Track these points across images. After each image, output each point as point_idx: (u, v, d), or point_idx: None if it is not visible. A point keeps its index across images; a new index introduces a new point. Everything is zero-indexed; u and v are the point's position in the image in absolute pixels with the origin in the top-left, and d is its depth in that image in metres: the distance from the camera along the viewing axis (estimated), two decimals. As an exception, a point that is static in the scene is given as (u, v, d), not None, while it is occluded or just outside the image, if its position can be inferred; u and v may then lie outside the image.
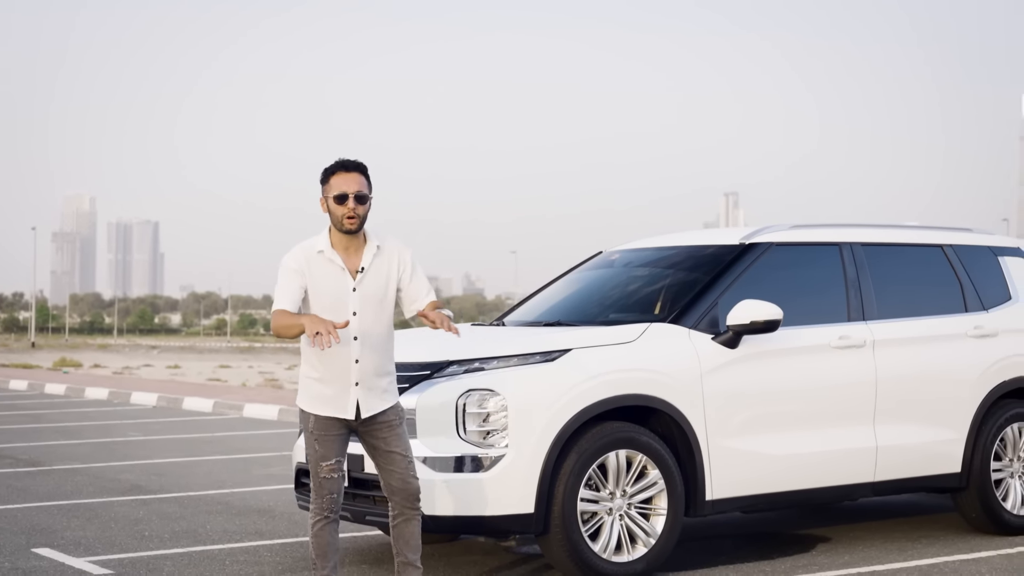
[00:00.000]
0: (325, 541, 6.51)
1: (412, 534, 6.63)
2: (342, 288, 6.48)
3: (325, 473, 6.49)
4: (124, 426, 18.59)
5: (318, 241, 6.55)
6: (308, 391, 6.58)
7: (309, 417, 6.54)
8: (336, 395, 6.50)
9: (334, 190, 6.47)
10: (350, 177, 6.49)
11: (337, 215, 6.46)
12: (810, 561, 8.28)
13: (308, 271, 6.46)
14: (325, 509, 6.51)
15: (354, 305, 6.47)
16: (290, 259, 6.50)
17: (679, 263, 8.91)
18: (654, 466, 7.67)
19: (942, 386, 8.92)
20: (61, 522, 9.91)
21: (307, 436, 6.57)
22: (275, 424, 18.90)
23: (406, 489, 6.57)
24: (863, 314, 8.72)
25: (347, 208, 6.44)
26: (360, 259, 6.51)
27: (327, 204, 6.51)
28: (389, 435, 6.57)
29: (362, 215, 6.47)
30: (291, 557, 8.50)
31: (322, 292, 6.45)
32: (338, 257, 6.49)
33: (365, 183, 6.52)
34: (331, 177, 6.51)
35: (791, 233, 8.78)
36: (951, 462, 8.92)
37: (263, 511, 10.42)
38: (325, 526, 6.52)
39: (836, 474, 8.44)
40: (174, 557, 8.50)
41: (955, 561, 8.29)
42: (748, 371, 8.08)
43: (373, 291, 6.51)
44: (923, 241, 9.39)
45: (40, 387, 27.89)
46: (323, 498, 6.51)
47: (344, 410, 6.50)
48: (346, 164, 6.53)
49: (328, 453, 6.50)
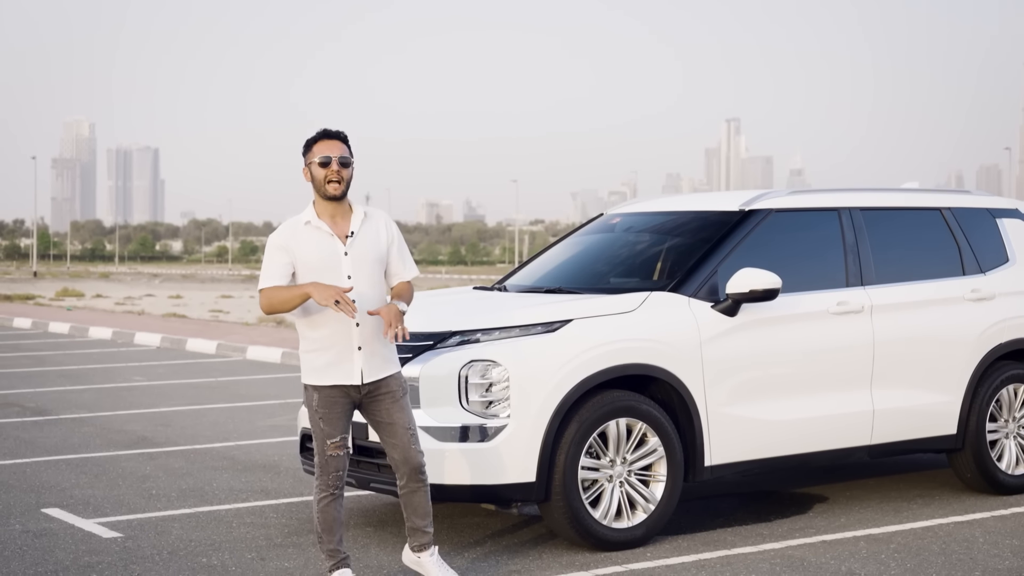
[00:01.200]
0: (331, 516, 6.64)
1: (420, 503, 6.77)
2: (334, 253, 6.56)
3: (331, 451, 6.61)
4: (128, 370, 18.74)
5: (304, 214, 6.65)
6: (310, 364, 6.65)
7: (313, 395, 6.63)
8: (339, 362, 6.58)
9: (316, 155, 6.57)
10: (333, 144, 6.61)
11: (320, 178, 6.55)
12: (807, 524, 8.43)
13: (295, 245, 6.55)
14: (331, 486, 6.63)
15: (348, 269, 6.57)
16: (275, 236, 6.61)
17: (679, 229, 8.98)
18: (654, 433, 7.79)
19: (939, 349, 9.02)
20: (70, 479, 10.05)
21: (311, 415, 6.67)
22: (278, 368, 19.04)
23: (409, 461, 6.69)
24: (861, 279, 8.81)
25: (331, 171, 6.53)
26: (348, 225, 6.62)
27: (310, 172, 6.60)
28: (392, 407, 6.67)
29: (346, 179, 6.57)
30: (296, 519, 8.65)
31: (312, 261, 6.53)
32: (324, 225, 6.59)
33: (347, 149, 6.62)
34: (314, 145, 6.63)
35: (790, 199, 8.85)
36: (947, 424, 9.05)
37: (268, 467, 10.57)
38: (331, 502, 6.64)
39: (833, 438, 8.56)
40: (181, 519, 8.65)
41: (949, 524, 8.43)
42: (747, 338, 8.18)
43: (365, 254, 6.61)
44: (921, 205, 9.45)
45: (44, 325, 28.03)
46: (328, 475, 6.63)
47: (349, 376, 6.58)
48: (328, 132, 6.66)
49: (333, 431, 6.61)
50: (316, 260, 6.53)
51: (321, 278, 6.49)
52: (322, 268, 6.53)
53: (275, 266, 6.54)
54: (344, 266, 6.55)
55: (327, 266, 6.53)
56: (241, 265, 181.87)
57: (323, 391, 6.62)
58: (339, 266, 6.55)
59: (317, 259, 6.53)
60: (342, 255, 6.56)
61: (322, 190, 6.56)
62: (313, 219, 6.59)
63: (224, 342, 21.77)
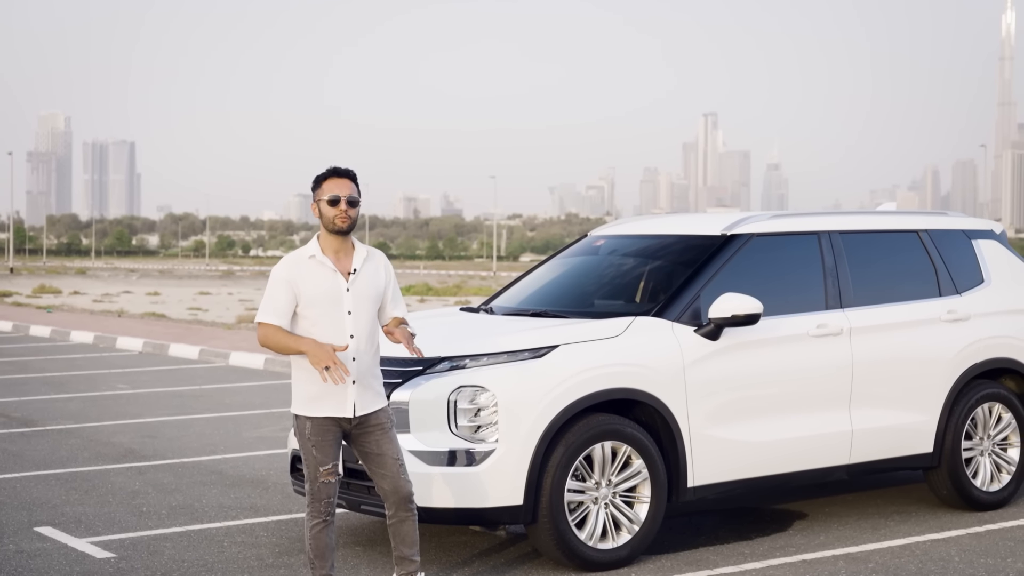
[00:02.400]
0: (323, 543, 6.80)
1: (408, 532, 6.95)
2: (336, 289, 6.75)
3: (323, 478, 6.76)
4: (112, 376, 18.84)
5: (309, 248, 6.84)
6: (304, 394, 6.82)
7: (305, 423, 6.79)
8: (334, 394, 6.75)
9: (326, 193, 6.78)
10: (342, 182, 6.82)
11: (329, 215, 6.76)
12: (787, 542, 8.61)
13: (299, 278, 6.73)
14: (323, 512, 6.79)
15: (348, 304, 6.76)
16: (280, 268, 6.78)
17: (662, 252, 9.16)
18: (638, 456, 7.96)
19: (916, 370, 9.22)
20: (60, 495, 10.18)
21: (303, 443, 6.82)
22: (261, 374, 19.17)
23: (398, 492, 6.87)
24: (840, 302, 9.00)
25: (339, 209, 6.75)
26: (351, 262, 6.82)
27: (319, 207, 6.81)
28: (381, 438, 6.85)
29: (353, 217, 6.78)
30: (286, 538, 8.79)
31: (315, 295, 6.71)
32: (328, 260, 6.78)
33: (355, 188, 6.85)
34: (323, 183, 6.83)
35: (771, 223, 9.03)
36: (924, 442, 9.25)
37: (256, 482, 10.71)
38: (324, 528, 6.80)
39: (813, 458, 8.76)
40: (173, 537, 8.79)
41: (926, 541, 8.63)
42: (729, 362, 8.36)
43: (365, 291, 6.81)
44: (899, 227, 9.65)
45: (25, 329, 28.07)
46: (320, 502, 6.78)
47: (342, 408, 6.76)
48: (338, 171, 6.87)
49: (325, 458, 6.77)
50: (319, 294, 6.71)
51: (323, 312, 6.69)
52: (324, 302, 6.71)
53: (278, 302, 6.71)
54: (345, 301, 6.74)
55: (329, 301, 6.72)
56: (218, 260, 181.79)
57: (316, 420, 6.77)
58: (341, 301, 6.73)
59: (320, 293, 6.72)
60: (344, 291, 6.75)
61: (330, 226, 6.77)
62: (318, 254, 6.78)
63: (207, 347, 21.87)
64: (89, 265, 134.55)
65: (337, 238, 6.80)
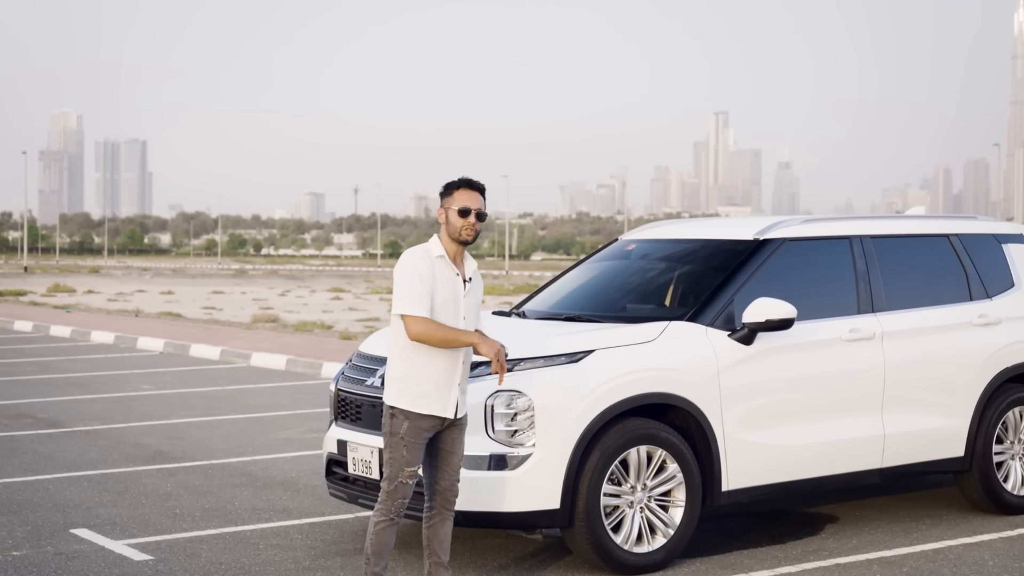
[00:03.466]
0: (384, 542, 6.89)
1: (446, 534, 7.04)
2: (457, 293, 6.91)
3: (404, 479, 6.84)
4: (135, 377, 18.92)
5: (435, 247, 6.95)
6: (410, 390, 6.87)
7: (403, 422, 6.84)
8: (440, 394, 6.86)
9: (457, 203, 6.92)
10: (473, 195, 6.96)
11: (457, 226, 6.90)
12: (820, 546, 8.65)
13: (433, 274, 6.85)
14: (393, 512, 6.87)
15: (464, 310, 6.92)
16: (419, 260, 6.86)
17: (694, 257, 9.21)
18: (673, 460, 8.01)
19: (947, 374, 9.26)
20: (93, 497, 10.24)
21: (394, 441, 6.85)
22: (283, 375, 19.24)
23: (451, 490, 7.00)
24: (872, 306, 9.04)
25: (468, 221, 6.90)
26: (465, 270, 6.98)
27: (447, 215, 6.94)
28: (458, 438, 7.01)
29: (479, 230, 6.94)
30: (321, 540, 8.85)
31: (442, 295, 6.85)
32: (452, 264, 6.91)
33: (484, 203, 7.00)
34: (455, 191, 6.98)
35: (803, 228, 9.06)
36: (955, 446, 9.29)
37: (287, 484, 10.76)
38: (388, 527, 6.89)
39: (846, 462, 8.80)
40: (208, 540, 8.84)
41: (959, 545, 8.66)
42: (762, 366, 8.41)
43: (474, 300, 7.02)
44: (929, 231, 9.68)
45: (45, 329, 28.16)
46: (395, 501, 6.86)
47: (445, 408, 6.88)
48: (471, 183, 7.02)
49: (414, 459, 6.85)
50: (444, 295, 6.85)
51: (444, 313, 6.82)
52: (447, 304, 6.85)
53: (423, 294, 6.79)
54: (461, 307, 6.89)
55: (451, 303, 6.87)
56: (230, 259, 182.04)
57: (414, 419, 6.83)
58: (458, 306, 6.89)
59: (446, 293, 6.86)
60: (462, 296, 6.90)
61: (455, 235, 6.90)
62: (445, 255, 6.91)
63: (228, 348, 21.94)
64: (102, 264, 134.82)
65: (458, 246, 6.94)
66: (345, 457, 8.31)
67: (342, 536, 8.98)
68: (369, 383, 8.22)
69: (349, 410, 8.42)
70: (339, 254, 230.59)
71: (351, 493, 8.35)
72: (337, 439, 8.41)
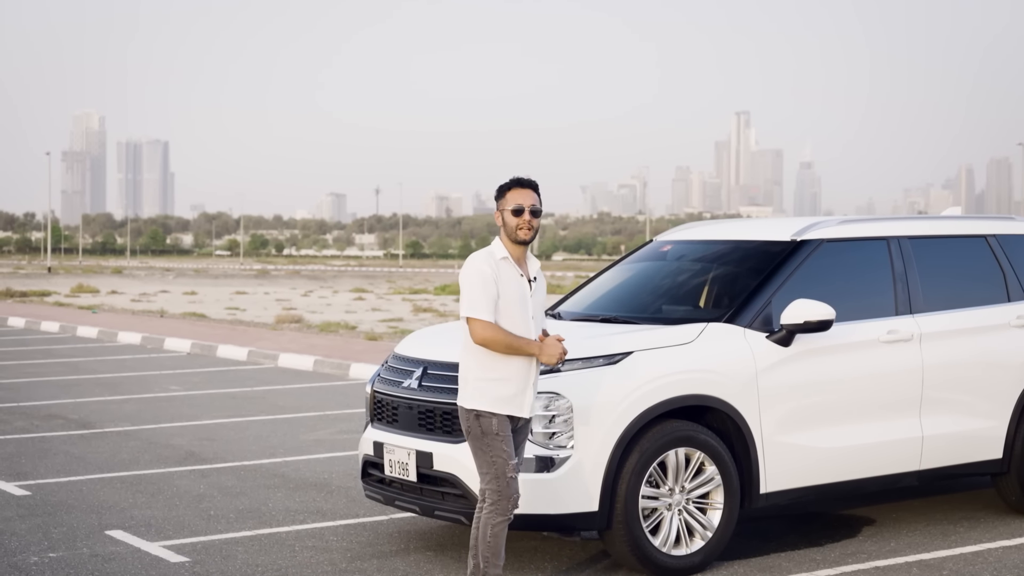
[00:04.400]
0: (501, 542, 6.90)
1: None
2: (524, 293, 6.94)
3: (512, 472, 6.86)
4: (163, 378, 18.95)
5: (498, 250, 6.96)
6: (489, 393, 6.89)
7: (492, 419, 6.86)
8: (516, 395, 6.91)
9: (510, 203, 6.95)
10: (525, 192, 6.99)
11: (512, 225, 6.93)
12: (858, 548, 8.60)
13: (498, 276, 6.87)
14: (509, 511, 6.88)
15: (531, 310, 6.94)
16: (484, 264, 6.88)
17: (730, 258, 9.16)
18: (711, 462, 7.97)
19: (985, 376, 9.20)
20: (127, 498, 10.25)
21: (489, 440, 6.86)
22: (311, 376, 19.24)
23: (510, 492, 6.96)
24: (910, 307, 8.98)
25: (523, 219, 6.93)
26: (529, 270, 7.00)
27: (503, 216, 6.97)
28: (522, 439, 7.08)
29: (535, 227, 6.94)
30: (357, 542, 8.83)
31: (509, 296, 6.87)
32: (516, 265, 6.92)
33: (538, 199, 7.02)
34: (507, 192, 7.01)
35: (840, 229, 9.01)
36: (993, 448, 9.22)
37: (320, 485, 10.75)
38: (504, 526, 6.90)
39: (884, 464, 8.75)
40: (244, 542, 8.84)
41: (998, 548, 8.60)
42: (801, 368, 8.36)
43: (540, 299, 7.04)
44: (967, 232, 9.62)
45: (72, 330, 28.23)
46: (509, 499, 6.87)
47: (520, 408, 6.94)
48: (521, 181, 7.05)
49: (512, 453, 6.89)
50: (512, 296, 6.87)
51: (513, 315, 6.85)
52: (516, 304, 6.88)
53: (489, 298, 6.82)
54: (529, 307, 6.92)
55: (518, 303, 6.89)
56: (252, 259, 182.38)
57: (501, 417, 6.87)
58: (526, 306, 6.91)
59: (513, 295, 6.87)
60: (528, 296, 6.92)
61: (513, 236, 6.93)
62: (508, 256, 6.92)
63: (255, 348, 21.96)
64: (124, 264, 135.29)
65: (518, 247, 6.95)
66: (381, 459, 8.29)
67: (377, 538, 8.96)
68: (405, 385, 8.19)
69: (385, 412, 8.40)
70: (360, 254, 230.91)
71: (387, 495, 8.33)
72: (373, 441, 8.40)
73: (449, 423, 7.87)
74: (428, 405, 8.00)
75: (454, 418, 7.82)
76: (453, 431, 7.84)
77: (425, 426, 8.03)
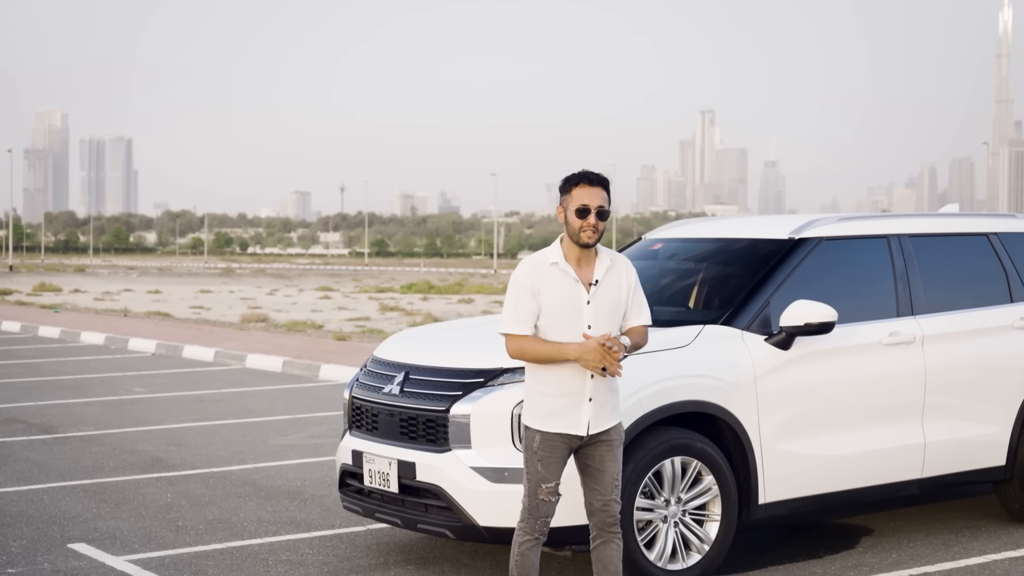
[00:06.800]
0: (531, 562, 6.41)
1: (611, 558, 6.50)
2: (577, 300, 6.31)
3: (544, 495, 6.37)
4: (128, 379, 18.43)
5: (551, 253, 6.40)
6: (537, 407, 6.38)
7: (535, 436, 6.37)
8: (568, 410, 6.33)
9: (576, 202, 6.33)
10: (594, 191, 6.34)
11: (575, 227, 6.32)
12: (859, 560, 8.23)
13: (541, 286, 6.31)
14: (536, 531, 6.40)
15: (589, 318, 6.31)
16: (523, 274, 6.35)
17: (725, 257, 8.77)
18: (708, 472, 7.58)
19: (989, 379, 8.85)
20: (90, 508, 9.78)
21: (529, 455, 6.39)
22: (280, 377, 18.76)
23: (606, 510, 6.46)
24: (912, 308, 8.62)
25: (587, 222, 6.30)
26: (593, 272, 6.37)
27: (565, 214, 6.37)
28: (607, 454, 6.44)
29: (601, 230, 6.34)
30: (333, 556, 8.40)
31: (556, 305, 6.30)
32: (571, 269, 6.34)
33: (607, 198, 6.38)
34: (574, 188, 6.37)
35: (839, 226, 8.63)
36: (996, 455, 8.87)
37: (292, 494, 10.31)
38: (533, 546, 6.42)
39: (885, 472, 8.38)
40: (215, 555, 8.39)
41: (1004, 560, 8.25)
42: (801, 373, 7.98)
43: (606, 303, 6.36)
44: (968, 230, 9.27)
45: (34, 329, 27.62)
46: (536, 520, 6.39)
47: (576, 426, 6.33)
48: (590, 177, 6.38)
49: (550, 476, 6.36)
50: (560, 304, 6.29)
51: (562, 322, 6.26)
52: (564, 312, 6.28)
53: (523, 313, 6.29)
54: (586, 315, 6.29)
55: (569, 311, 6.28)
56: (216, 257, 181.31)
57: (546, 435, 6.36)
58: (580, 314, 6.29)
59: (559, 302, 6.29)
60: (584, 304, 6.30)
61: (575, 237, 6.32)
62: (560, 261, 6.34)
63: (222, 349, 21.45)
64: (87, 263, 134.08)
65: (581, 249, 6.35)
66: (360, 469, 7.86)
67: (355, 551, 8.53)
68: (387, 390, 7.78)
69: (365, 419, 7.98)
70: (326, 253, 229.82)
71: (367, 507, 7.90)
72: (352, 449, 7.97)
73: (433, 431, 7.45)
74: (410, 412, 7.58)
75: (438, 426, 7.41)
76: (437, 440, 7.43)
77: (407, 434, 7.61)
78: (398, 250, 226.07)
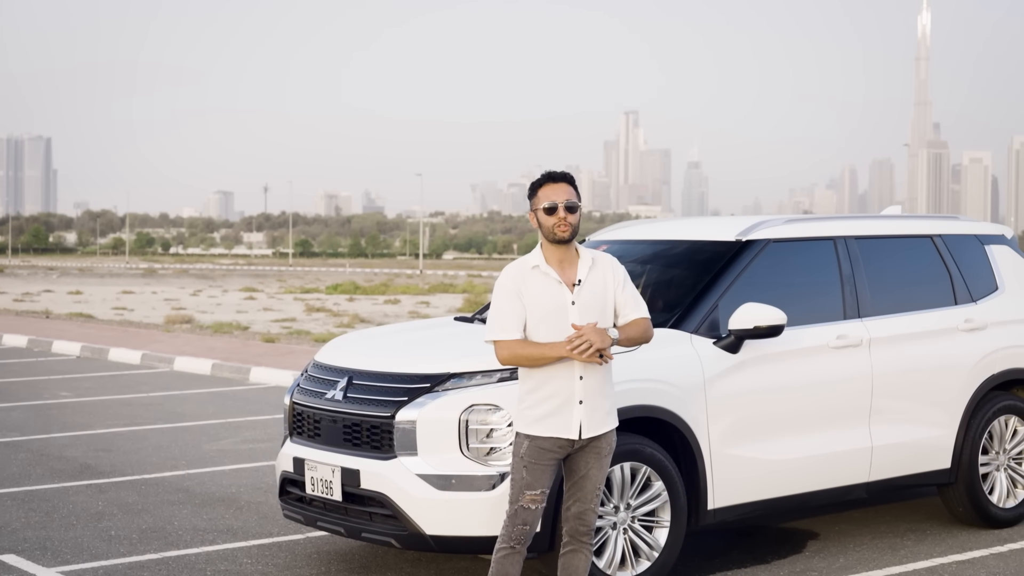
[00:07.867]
0: (505, 571, 6.25)
1: (577, 568, 6.38)
2: (560, 302, 6.22)
3: (526, 502, 6.22)
4: (53, 383, 18.04)
5: (532, 257, 6.32)
6: (527, 412, 6.26)
7: (523, 442, 6.23)
8: (558, 413, 6.21)
9: (543, 201, 6.28)
10: (558, 187, 6.30)
11: (548, 225, 6.26)
12: (806, 565, 8.15)
13: (525, 289, 6.23)
14: (514, 539, 6.25)
15: (574, 318, 6.21)
16: (506, 279, 6.26)
17: (672, 259, 8.66)
18: (658, 477, 7.45)
19: (935, 382, 8.81)
20: (19, 517, 9.49)
21: (515, 460, 6.26)
22: (209, 380, 18.45)
23: (581, 519, 6.35)
24: (859, 311, 8.56)
25: (557, 218, 6.24)
26: (576, 272, 6.29)
27: (537, 217, 6.32)
28: (593, 463, 6.32)
29: (573, 224, 6.26)
30: (273, 565, 8.19)
31: (539, 307, 6.21)
32: (553, 271, 6.25)
33: (573, 192, 6.32)
34: (539, 190, 6.33)
35: (787, 228, 8.55)
36: (941, 458, 8.84)
37: (228, 501, 10.07)
38: (509, 555, 6.26)
39: (834, 476, 8.31)
40: (150, 566, 8.15)
41: (951, 563, 8.21)
42: (750, 376, 7.89)
43: (592, 302, 6.26)
44: (913, 232, 9.23)
45: (-47, 332, 27.03)
46: (515, 527, 6.24)
47: (567, 429, 6.21)
48: (553, 176, 6.35)
49: (535, 483, 6.22)
50: (544, 306, 6.19)
51: (548, 325, 6.17)
52: (549, 315, 6.18)
53: (511, 317, 6.19)
54: (571, 315, 6.19)
55: (553, 315, 6.18)
56: (138, 258, 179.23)
57: (535, 440, 6.21)
58: (565, 315, 6.19)
59: (545, 305, 6.20)
60: (569, 304, 6.20)
61: (550, 235, 6.25)
62: (542, 264, 6.25)
63: (149, 351, 21.08)
64: (6, 263, 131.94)
65: (559, 247, 6.26)
66: (302, 476, 7.66)
67: (295, 560, 8.32)
68: (329, 396, 7.58)
69: (306, 425, 7.78)
70: (249, 253, 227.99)
71: (309, 515, 7.70)
72: (293, 456, 7.76)
73: (378, 438, 7.27)
74: (354, 418, 7.40)
75: (383, 432, 7.24)
76: (382, 446, 7.25)
77: (351, 441, 7.42)
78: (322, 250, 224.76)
